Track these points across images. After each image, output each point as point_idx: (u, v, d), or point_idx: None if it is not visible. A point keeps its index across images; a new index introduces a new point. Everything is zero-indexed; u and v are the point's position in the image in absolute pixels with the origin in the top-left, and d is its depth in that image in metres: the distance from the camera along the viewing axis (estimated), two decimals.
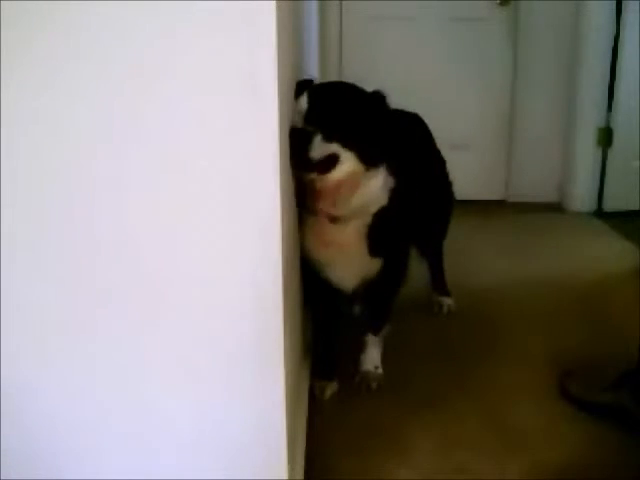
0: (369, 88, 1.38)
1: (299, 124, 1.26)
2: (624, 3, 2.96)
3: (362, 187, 1.37)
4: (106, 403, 0.83)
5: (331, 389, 1.64)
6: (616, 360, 1.59)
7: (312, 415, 1.43)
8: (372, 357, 1.71)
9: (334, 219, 1.40)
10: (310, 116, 1.28)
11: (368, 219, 1.43)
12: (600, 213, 3.24)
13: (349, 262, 1.50)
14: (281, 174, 0.79)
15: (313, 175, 1.30)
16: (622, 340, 1.76)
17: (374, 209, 1.42)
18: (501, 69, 3.26)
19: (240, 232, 0.78)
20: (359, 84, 1.37)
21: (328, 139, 1.28)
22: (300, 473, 1.16)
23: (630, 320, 1.76)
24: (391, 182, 1.42)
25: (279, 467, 0.88)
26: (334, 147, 1.29)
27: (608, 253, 2.69)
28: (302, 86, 1.34)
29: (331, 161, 1.30)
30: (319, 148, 1.26)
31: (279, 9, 0.75)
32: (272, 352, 0.83)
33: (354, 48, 3.17)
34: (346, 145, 1.30)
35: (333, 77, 3.19)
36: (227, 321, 0.81)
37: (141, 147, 0.73)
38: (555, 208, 3.33)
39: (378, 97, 1.38)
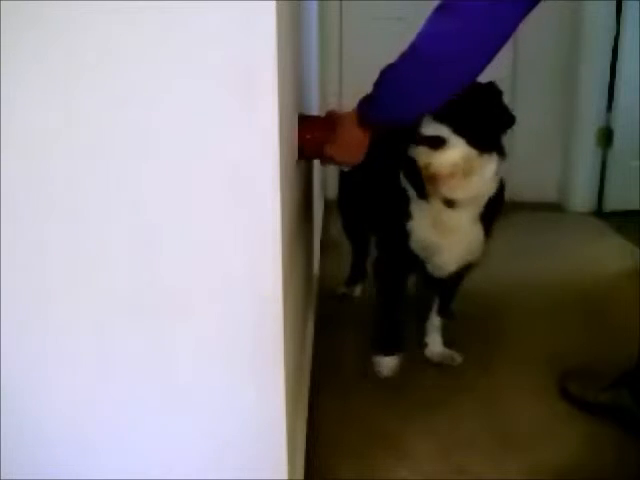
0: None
1: None
2: (624, 3, 2.96)
3: (476, 173, 1.43)
4: (105, 404, 0.82)
5: (392, 363, 1.70)
6: (616, 360, 1.59)
7: (312, 415, 1.43)
8: (439, 340, 1.80)
9: (451, 204, 1.46)
10: None
11: (481, 206, 1.50)
12: (600, 213, 3.24)
13: (461, 247, 1.57)
14: (282, 173, 0.79)
15: (422, 149, 1.38)
16: (622, 340, 1.76)
17: (485, 198, 1.50)
18: (501, 69, 3.26)
19: (239, 232, 0.78)
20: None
21: (439, 120, 1.35)
22: (300, 473, 1.16)
23: (630, 320, 1.76)
24: (501, 172, 1.51)
25: (279, 467, 0.88)
26: (444, 130, 1.36)
27: (608, 253, 2.69)
28: None
29: (439, 142, 1.37)
30: (429, 126, 1.34)
31: (279, 9, 0.75)
32: (272, 352, 0.83)
33: (354, 48, 3.17)
34: (457, 130, 1.37)
35: (333, 77, 3.20)
36: (226, 321, 0.80)
37: (138, 147, 0.73)
38: (555, 208, 3.33)
39: (493, 88, 1.45)
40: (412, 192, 1.52)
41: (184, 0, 0.69)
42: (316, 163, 2.17)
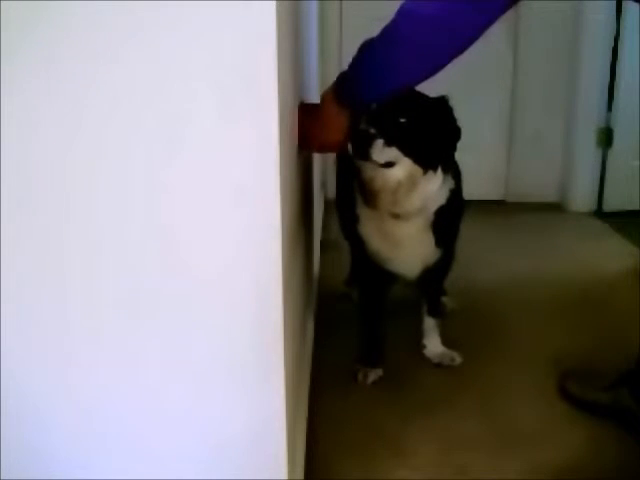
0: None
1: (364, 123, 1.33)
2: (624, 3, 2.96)
3: (420, 189, 1.44)
4: (106, 404, 0.83)
5: (375, 375, 1.70)
6: (616, 360, 1.59)
7: (312, 415, 1.43)
8: (437, 340, 1.81)
9: (396, 216, 1.49)
10: (375, 117, 1.33)
11: (430, 216, 1.52)
12: (600, 213, 3.24)
13: (412, 254, 1.60)
14: (282, 174, 0.79)
15: (369, 163, 1.38)
16: (622, 340, 1.76)
17: (433, 208, 1.51)
18: (501, 69, 3.26)
19: (239, 232, 0.78)
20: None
21: (389, 144, 1.35)
22: (300, 473, 1.16)
23: (630, 320, 1.76)
24: (450, 183, 1.52)
25: (279, 467, 0.88)
26: (393, 152, 1.36)
27: (608, 253, 2.69)
28: None
29: (389, 164, 1.38)
30: (380, 152, 1.34)
31: (279, 9, 0.75)
32: (272, 352, 0.83)
33: (354, 48, 3.16)
34: (404, 151, 1.37)
35: (333, 77, 3.19)
36: (227, 321, 0.80)
37: (138, 147, 0.73)
38: (555, 208, 3.33)
39: (443, 105, 1.45)
40: (359, 197, 1.55)
41: (185, 0, 0.69)
42: (316, 164, 2.17)
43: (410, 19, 1.15)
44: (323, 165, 3.00)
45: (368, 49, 1.23)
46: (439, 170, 1.45)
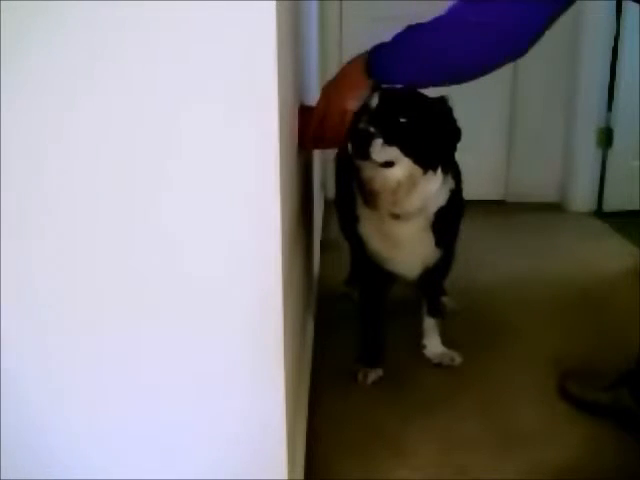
0: None
1: (364, 122, 1.32)
2: (624, 3, 2.95)
3: (419, 189, 1.43)
4: (106, 404, 0.83)
5: (375, 375, 1.71)
6: (616, 360, 1.59)
7: (312, 415, 1.43)
8: (437, 340, 1.81)
9: (396, 216, 1.49)
10: (375, 117, 1.34)
11: (430, 216, 1.51)
12: (600, 213, 3.24)
13: (412, 254, 1.60)
14: (282, 174, 0.79)
15: (368, 163, 1.36)
16: (622, 340, 1.76)
17: (433, 209, 1.50)
18: (501, 69, 3.26)
19: (239, 232, 0.78)
20: None
21: (389, 143, 1.34)
22: (300, 473, 1.16)
23: (630, 320, 1.76)
24: (450, 183, 1.52)
25: (279, 467, 0.88)
26: (393, 152, 1.35)
27: (608, 253, 2.69)
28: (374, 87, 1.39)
29: (389, 164, 1.37)
30: (379, 152, 1.33)
31: (279, 9, 0.75)
32: (272, 352, 0.83)
33: (354, 48, 3.16)
34: (404, 150, 1.36)
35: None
36: (227, 321, 0.81)
37: (139, 148, 0.73)
38: (555, 208, 3.33)
39: (443, 105, 1.47)
40: (359, 197, 1.54)
41: (185, 0, 0.69)
42: (316, 164, 2.17)
43: (456, 22, 1.22)
44: (323, 165, 3.00)
45: (415, 29, 1.26)
46: (439, 170, 1.44)
